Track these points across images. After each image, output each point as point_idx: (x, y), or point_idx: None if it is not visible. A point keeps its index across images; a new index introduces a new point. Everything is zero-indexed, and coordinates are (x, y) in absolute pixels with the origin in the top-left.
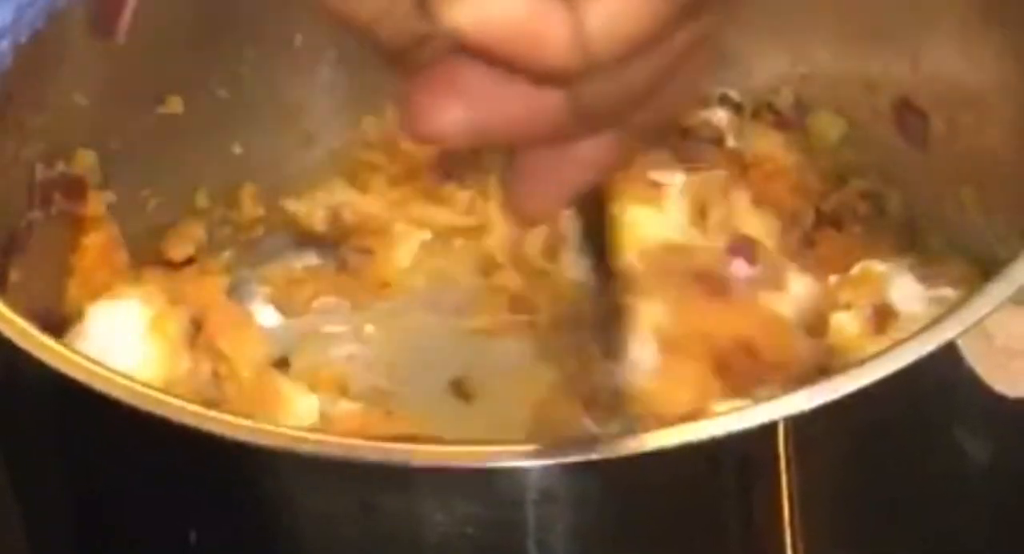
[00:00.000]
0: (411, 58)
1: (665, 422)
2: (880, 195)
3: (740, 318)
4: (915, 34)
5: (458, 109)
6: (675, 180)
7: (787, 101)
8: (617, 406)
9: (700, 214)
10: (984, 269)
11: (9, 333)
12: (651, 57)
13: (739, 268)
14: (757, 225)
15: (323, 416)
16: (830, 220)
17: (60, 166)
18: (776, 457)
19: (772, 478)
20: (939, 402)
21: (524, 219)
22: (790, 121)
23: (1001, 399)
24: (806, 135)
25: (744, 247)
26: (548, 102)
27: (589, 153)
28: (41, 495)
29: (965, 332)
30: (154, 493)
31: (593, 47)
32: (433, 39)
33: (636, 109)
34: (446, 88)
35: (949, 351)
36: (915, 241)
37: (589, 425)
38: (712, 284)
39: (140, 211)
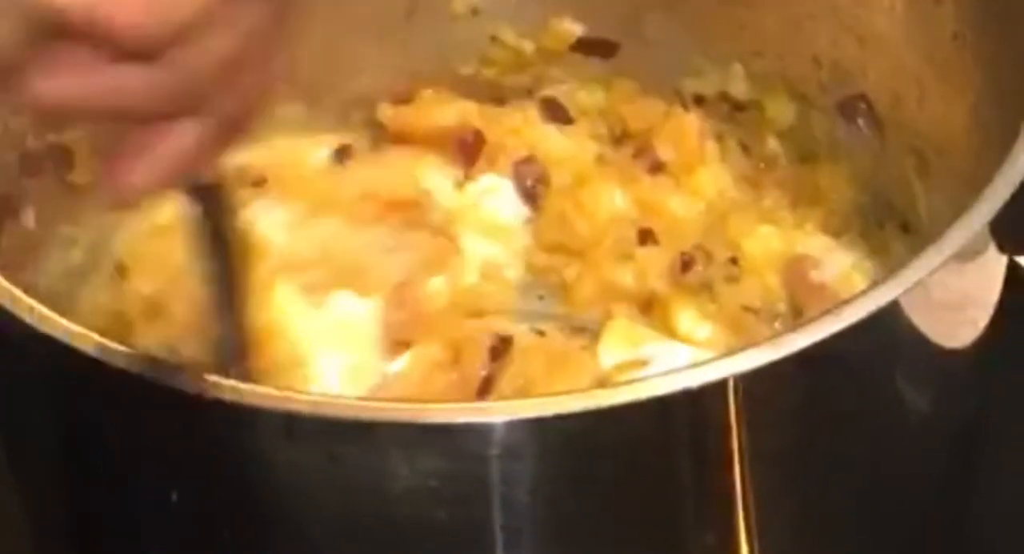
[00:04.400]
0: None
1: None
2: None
3: None
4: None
5: (64, 82)
6: None
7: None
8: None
9: None
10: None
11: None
12: (223, 33)
13: None
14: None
15: None
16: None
17: (50, 137)
18: (727, 412)
19: (723, 432)
20: (882, 356)
21: (123, 195)
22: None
23: (939, 350)
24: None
25: None
26: (146, 78)
27: (182, 137)
28: (31, 456)
29: (906, 293)
30: (137, 454)
31: (165, 15)
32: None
33: (222, 90)
34: (56, 65)
35: (891, 308)
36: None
37: None
38: None
39: None
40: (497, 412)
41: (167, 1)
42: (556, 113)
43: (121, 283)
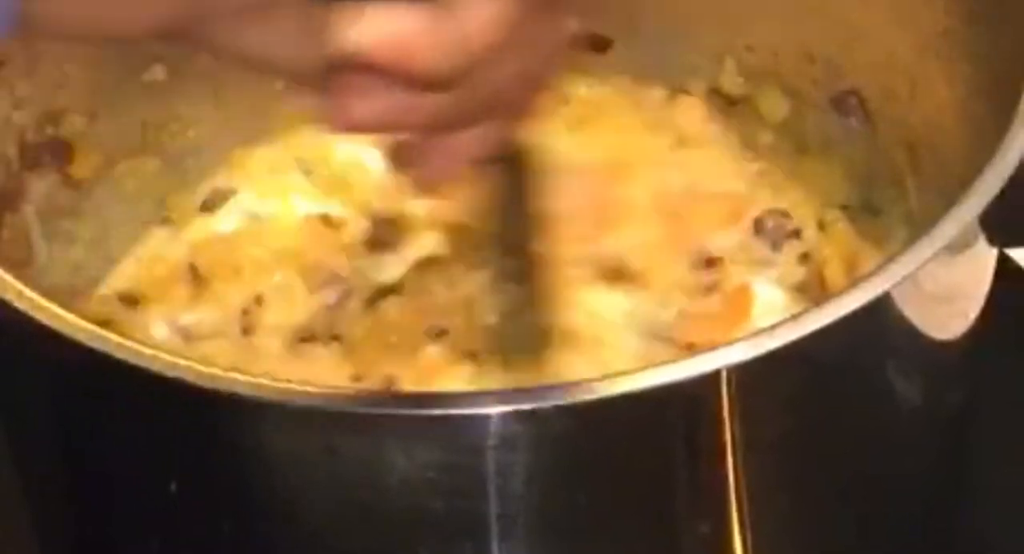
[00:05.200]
0: (315, 79)
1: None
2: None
3: None
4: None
5: (366, 106)
6: None
7: (731, 71)
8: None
9: None
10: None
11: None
12: (515, 54)
13: None
14: None
15: None
16: None
17: (49, 130)
18: (720, 403)
19: (716, 423)
20: (873, 348)
21: (429, 184)
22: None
23: (930, 342)
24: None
25: None
26: (438, 99)
27: (473, 136)
28: (32, 446)
29: (897, 285)
30: (137, 445)
31: (472, 53)
32: (339, 66)
33: (511, 98)
34: (356, 91)
35: (882, 300)
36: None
37: None
38: None
39: None
40: (493, 403)
41: (460, 39)
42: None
43: None
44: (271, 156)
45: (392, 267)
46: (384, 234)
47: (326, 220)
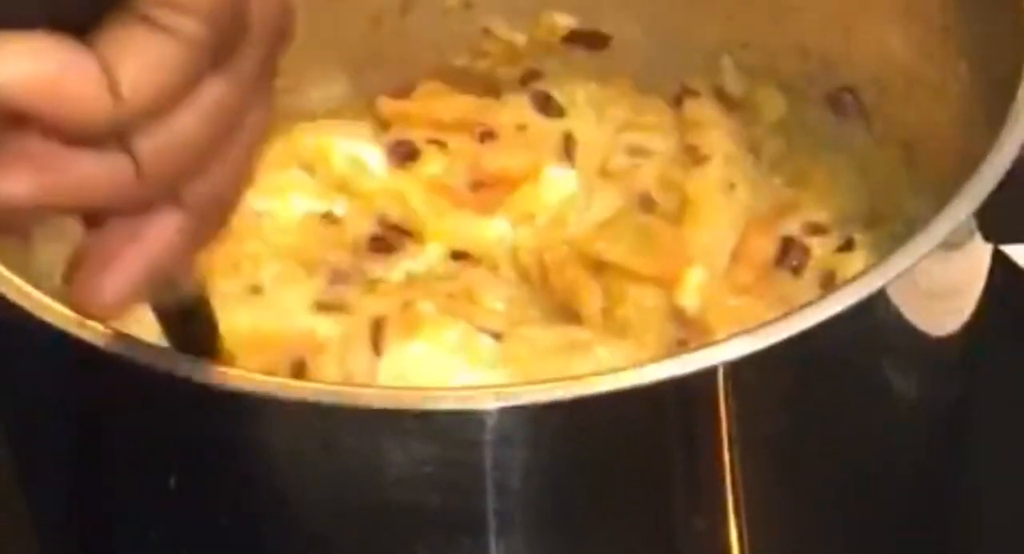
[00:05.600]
0: None
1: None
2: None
3: None
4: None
5: (23, 177)
6: None
7: (728, 69)
8: None
9: None
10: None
11: (2, 287)
12: (191, 111)
13: None
14: None
15: None
16: None
17: None
18: (716, 399)
19: (712, 419)
20: (869, 344)
21: (96, 308)
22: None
23: (925, 338)
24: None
25: None
26: (112, 167)
27: (155, 233)
28: (32, 441)
29: (892, 281)
30: (136, 441)
31: (128, 98)
32: None
33: (197, 175)
34: (10, 158)
35: (878, 297)
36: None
37: None
38: None
39: None
40: (490, 399)
41: (115, 83)
42: (546, 106)
43: None
44: (270, 153)
45: (393, 270)
46: (387, 236)
47: (325, 218)
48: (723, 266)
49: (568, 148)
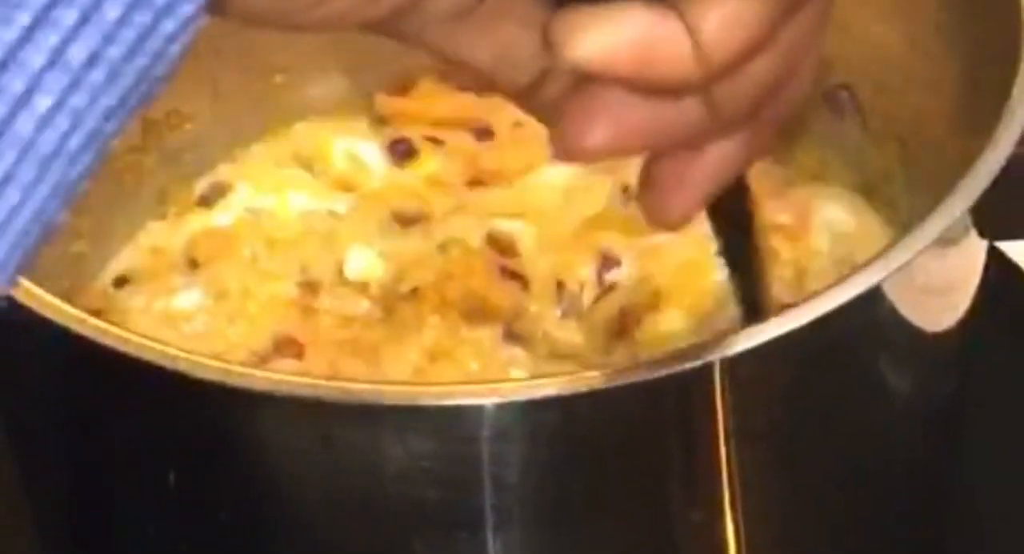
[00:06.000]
0: (534, 94)
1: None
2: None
3: None
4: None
5: (602, 129)
6: None
7: None
8: None
9: None
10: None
11: None
12: (768, 54)
13: None
14: None
15: None
16: None
17: None
18: (713, 395)
19: (709, 414)
20: (864, 340)
21: (665, 225)
22: None
23: (921, 334)
24: None
25: None
26: (684, 109)
27: (718, 154)
28: (32, 437)
29: (888, 277)
30: (136, 437)
31: (712, 57)
32: (555, 75)
33: (766, 105)
34: (589, 112)
35: (874, 293)
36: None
37: None
38: None
39: None
40: (488, 395)
41: (701, 42)
42: None
43: None
44: (269, 151)
45: None
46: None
47: (324, 215)
48: None
49: None
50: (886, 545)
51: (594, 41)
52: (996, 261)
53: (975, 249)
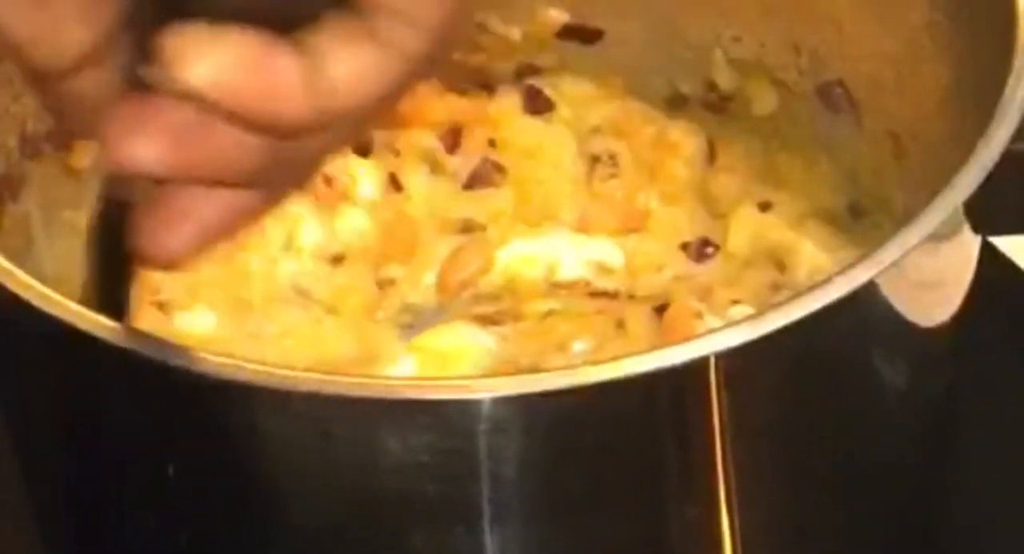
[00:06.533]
0: (66, 84)
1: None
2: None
3: None
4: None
5: (156, 145)
6: None
7: (720, 63)
8: None
9: None
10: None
11: (2, 279)
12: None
13: None
14: None
15: None
16: None
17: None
18: (708, 389)
19: (705, 409)
20: (859, 335)
21: (152, 260)
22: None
23: (915, 329)
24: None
25: None
26: (248, 148)
27: (232, 204)
28: (31, 430)
29: (882, 273)
30: (135, 430)
31: (332, 104)
32: (93, 69)
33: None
34: (144, 123)
35: (868, 288)
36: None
37: None
38: None
39: None
40: (484, 389)
41: (328, 89)
42: (537, 101)
43: None
44: None
45: None
46: None
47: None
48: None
49: None
50: (881, 540)
51: (210, 70)
52: (989, 256)
53: (969, 244)
